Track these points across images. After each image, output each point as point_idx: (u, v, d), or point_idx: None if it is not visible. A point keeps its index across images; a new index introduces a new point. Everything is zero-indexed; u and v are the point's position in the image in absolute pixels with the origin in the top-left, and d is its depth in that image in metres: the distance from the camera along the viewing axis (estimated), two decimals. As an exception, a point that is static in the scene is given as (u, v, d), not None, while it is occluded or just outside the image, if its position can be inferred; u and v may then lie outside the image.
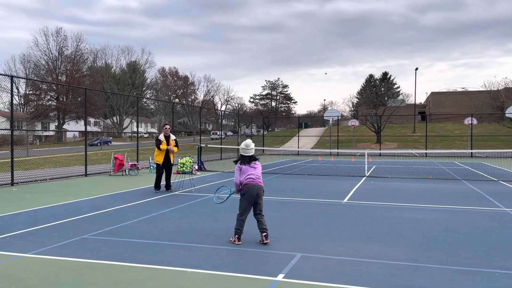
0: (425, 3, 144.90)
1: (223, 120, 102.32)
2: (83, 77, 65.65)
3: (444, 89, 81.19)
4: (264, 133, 50.43)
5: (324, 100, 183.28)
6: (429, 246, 6.33)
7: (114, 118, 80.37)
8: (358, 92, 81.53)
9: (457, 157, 33.14)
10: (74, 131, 25.57)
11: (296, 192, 12.26)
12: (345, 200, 10.91)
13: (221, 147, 27.37)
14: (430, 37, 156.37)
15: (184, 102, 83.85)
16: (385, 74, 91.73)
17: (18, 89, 68.45)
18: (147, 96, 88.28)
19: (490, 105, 54.21)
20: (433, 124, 62.50)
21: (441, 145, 45.38)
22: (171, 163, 12.49)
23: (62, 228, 7.41)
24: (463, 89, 77.55)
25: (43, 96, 62.52)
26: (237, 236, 6.45)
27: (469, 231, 7.36)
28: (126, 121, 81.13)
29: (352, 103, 73.06)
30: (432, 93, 79.04)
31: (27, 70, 66.73)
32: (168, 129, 12.45)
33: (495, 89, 58.71)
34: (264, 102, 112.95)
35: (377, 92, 60.24)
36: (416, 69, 68.93)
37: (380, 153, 34.85)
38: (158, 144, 12.30)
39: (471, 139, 35.82)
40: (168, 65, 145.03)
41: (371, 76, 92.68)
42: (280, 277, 4.91)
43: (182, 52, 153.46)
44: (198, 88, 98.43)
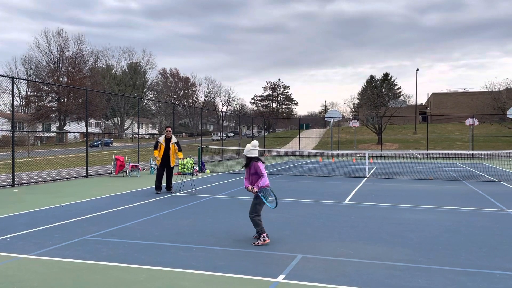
0: (425, 4, 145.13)
1: (224, 121, 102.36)
2: (84, 78, 65.71)
3: (445, 90, 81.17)
4: (265, 134, 50.42)
5: (325, 101, 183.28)
6: (430, 247, 6.32)
7: (115, 119, 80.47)
8: (359, 93, 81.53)
9: (458, 158, 33.10)
10: (75, 132, 25.62)
11: (297, 193, 12.25)
12: (346, 201, 10.90)
13: (222, 148, 27.37)
14: (430, 37, 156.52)
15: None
16: (386, 75, 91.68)
17: (19, 91, 68.52)
18: (148, 97, 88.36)
19: (491, 106, 54.18)
20: (434, 125, 62.47)
21: (442, 146, 45.35)
22: (171, 165, 12.46)
23: (62, 229, 7.41)
24: (464, 90, 77.52)
25: (44, 97, 62.62)
26: (263, 234, 6.43)
27: (470, 232, 7.35)
28: (127, 122, 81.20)
29: (353, 104, 73.06)
30: (433, 94, 79.00)
31: (28, 72, 66.94)
32: (170, 132, 12.44)
33: (496, 89, 58.70)
34: (265, 103, 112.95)
35: (378, 93, 60.23)
36: (417, 70, 69.04)
37: (381, 154, 34.82)
38: (155, 147, 12.37)
39: (472, 140, 35.78)
40: (169, 66, 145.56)
41: (372, 77, 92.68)
42: (280, 278, 4.90)
43: (183, 53, 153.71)
44: (199, 89, 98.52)
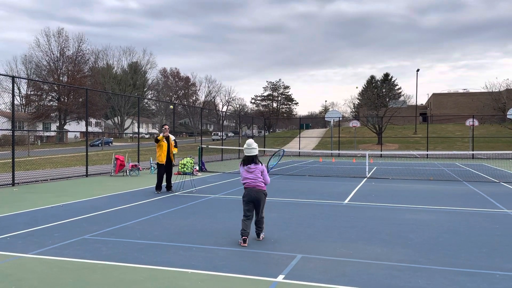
0: (425, 4, 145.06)
1: (224, 121, 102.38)
2: (84, 77, 65.74)
3: (446, 91, 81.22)
4: (265, 134, 50.43)
5: (326, 101, 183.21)
6: (430, 248, 6.31)
7: (115, 119, 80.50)
8: (359, 93, 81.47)
9: (458, 158, 33.09)
10: (75, 131, 25.65)
11: (297, 193, 12.25)
12: (346, 201, 10.90)
13: (222, 148, 27.36)
14: (430, 38, 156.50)
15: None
16: (386, 75, 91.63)
17: (19, 90, 68.44)
18: (148, 96, 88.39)
19: (492, 107, 54.17)
20: (434, 125, 62.44)
21: (442, 146, 45.34)
22: (172, 164, 12.50)
23: (62, 229, 7.41)
24: (465, 91, 77.49)
25: (44, 96, 62.63)
26: (243, 237, 6.37)
27: (470, 233, 7.34)
28: (127, 122, 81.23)
29: (353, 104, 73.05)
30: (434, 94, 78.96)
31: (28, 71, 66.90)
32: (168, 129, 12.46)
33: (496, 90, 58.68)
34: (266, 103, 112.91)
35: (379, 93, 60.20)
36: (418, 70, 68.96)
37: (381, 154, 34.81)
38: (156, 140, 12.39)
39: (473, 141, 35.77)
40: (169, 66, 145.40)
41: (372, 77, 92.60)
42: (280, 278, 4.90)
43: (183, 53, 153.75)
44: (199, 89, 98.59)
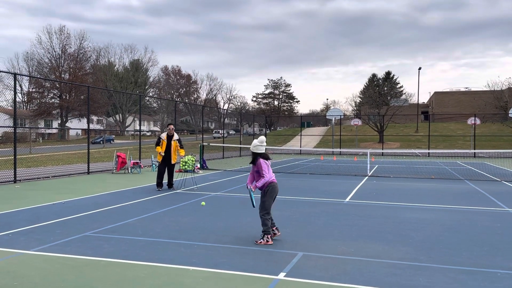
0: (426, 2, 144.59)
1: (226, 119, 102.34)
2: (86, 75, 65.76)
3: (447, 89, 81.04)
4: (267, 132, 50.42)
5: (327, 99, 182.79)
6: (431, 246, 6.31)
7: (117, 116, 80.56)
8: (361, 92, 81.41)
9: (460, 157, 33.05)
10: (77, 129, 25.68)
11: (298, 191, 12.25)
12: (347, 199, 10.90)
13: (223, 146, 27.39)
14: (432, 36, 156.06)
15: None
16: (388, 73, 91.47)
17: (21, 87, 68.66)
18: (150, 94, 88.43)
19: (494, 105, 54.09)
20: (436, 123, 62.37)
21: (443, 145, 45.28)
22: (172, 162, 12.47)
23: (64, 226, 7.43)
24: (466, 89, 77.35)
25: (46, 94, 62.66)
26: (268, 235, 6.37)
27: (471, 231, 7.34)
28: (129, 119, 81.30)
29: (355, 102, 72.99)
30: (435, 92, 78.85)
31: (30, 68, 66.93)
32: (172, 129, 12.46)
33: (498, 89, 58.55)
34: (267, 101, 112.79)
35: (380, 92, 60.14)
36: (419, 68, 68.86)
37: (382, 152, 34.79)
38: (157, 144, 12.39)
39: (474, 139, 35.72)
40: (170, 63, 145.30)
41: (374, 75, 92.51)
42: (281, 275, 4.91)
43: (184, 51, 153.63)
44: (200, 87, 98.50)
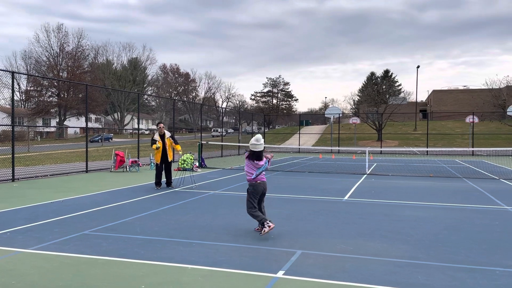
0: (424, 0, 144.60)
1: (224, 117, 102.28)
2: (84, 73, 65.60)
3: (446, 87, 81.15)
4: (265, 130, 50.40)
5: (325, 97, 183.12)
6: (429, 244, 6.32)
7: (115, 115, 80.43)
8: (359, 90, 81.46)
9: (458, 155, 33.10)
10: (75, 127, 25.63)
11: (297, 190, 12.25)
12: (346, 197, 10.90)
13: (222, 144, 27.37)
14: (430, 34, 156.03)
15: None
16: (386, 71, 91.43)
17: (19, 85, 68.45)
18: (148, 92, 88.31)
19: (492, 104, 54.11)
20: (434, 122, 62.43)
21: (442, 143, 45.34)
22: (169, 160, 12.47)
23: (62, 224, 7.41)
24: (465, 87, 77.45)
25: (44, 92, 62.48)
26: (265, 222, 6.47)
27: (469, 229, 7.35)
28: (127, 118, 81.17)
29: (354, 100, 72.99)
30: (434, 91, 78.90)
31: (28, 66, 66.78)
32: (162, 127, 12.44)
33: (496, 87, 58.61)
34: (265, 100, 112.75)
35: (379, 90, 60.14)
36: (418, 67, 68.86)
37: (381, 150, 34.81)
38: (152, 144, 12.39)
39: (473, 137, 35.77)
40: (169, 62, 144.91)
41: (372, 73, 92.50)
42: (280, 273, 4.90)
43: (182, 49, 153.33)
44: (199, 85, 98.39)
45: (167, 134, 12.53)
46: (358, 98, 75.37)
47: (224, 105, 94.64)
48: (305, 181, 14.46)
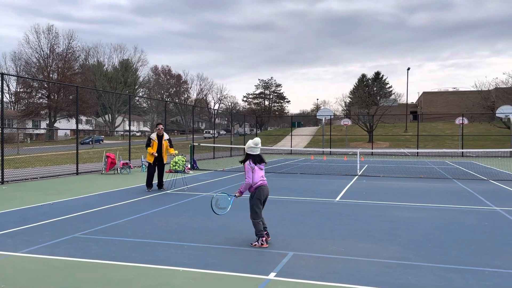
0: (414, 3, 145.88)
1: (216, 119, 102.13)
2: (74, 75, 65.17)
3: (436, 89, 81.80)
4: (257, 132, 50.43)
5: (317, 99, 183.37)
6: (420, 245, 6.37)
7: (106, 117, 79.96)
8: (350, 92, 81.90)
9: (448, 156, 33.39)
10: (66, 129, 25.39)
11: (288, 191, 12.27)
12: (337, 199, 10.95)
13: (214, 146, 27.33)
14: (420, 37, 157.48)
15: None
16: (377, 73, 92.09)
17: (8, 87, 67.87)
18: (140, 94, 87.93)
19: (481, 105, 54.63)
20: (425, 123, 62.95)
21: (432, 144, 45.71)
22: (163, 162, 12.44)
23: (52, 227, 7.35)
24: (454, 89, 78.19)
25: (34, 94, 61.98)
26: (261, 238, 6.28)
27: (459, 230, 7.42)
28: (118, 120, 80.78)
29: (345, 102, 73.38)
30: (424, 93, 79.60)
31: (18, 68, 66.13)
32: (161, 128, 12.40)
33: (485, 89, 59.22)
34: (257, 101, 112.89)
35: (370, 92, 60.50)
36: (408, 69, 69.36)
37: (372, 152, 35.01)
38: (148, 145, 12.29)
39: (462, 139, 36.12)
40: (160, 63, 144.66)
41: (363, 75, 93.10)
42: (272, 275, 4.91)
43: (174, 51, 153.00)
44: (191, 87, 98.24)
45: (166, 136, 12.46)
46: (350, 99, 75.76)
47: (216, 107, 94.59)
48: (297, 183, 14.49)
